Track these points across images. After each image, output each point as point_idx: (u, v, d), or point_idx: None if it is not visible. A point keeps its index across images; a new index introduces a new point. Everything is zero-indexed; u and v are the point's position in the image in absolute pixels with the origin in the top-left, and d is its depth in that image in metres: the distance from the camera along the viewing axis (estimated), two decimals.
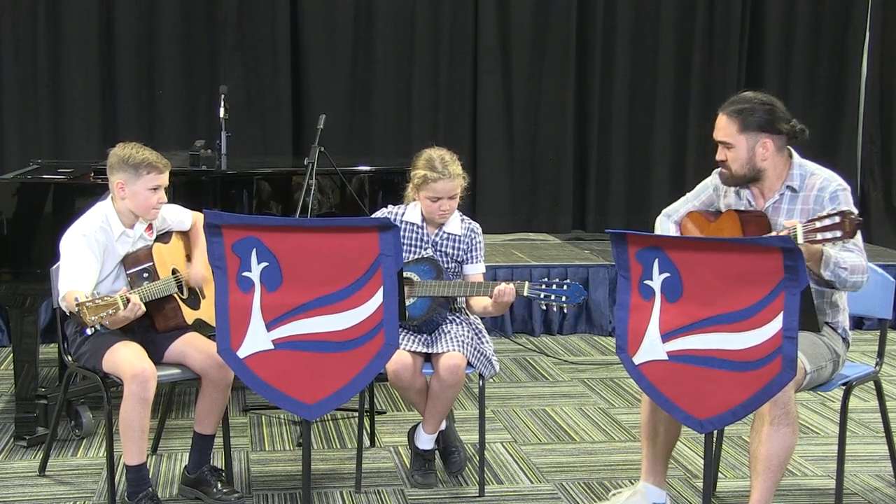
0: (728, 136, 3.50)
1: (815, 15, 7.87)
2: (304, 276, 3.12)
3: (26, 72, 6.97)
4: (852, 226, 3.13)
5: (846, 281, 3.34)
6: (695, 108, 7.74)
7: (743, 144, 3.48)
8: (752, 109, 3.47)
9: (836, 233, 3.13)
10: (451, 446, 4.04)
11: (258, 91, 7.30)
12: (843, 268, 3.32)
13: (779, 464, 3.26)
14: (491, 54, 7.53)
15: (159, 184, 3.66)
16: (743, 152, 3.48)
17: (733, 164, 3.51)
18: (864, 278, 3.38)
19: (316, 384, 3.16)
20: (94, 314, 3.32)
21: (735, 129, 3.48)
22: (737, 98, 3.54)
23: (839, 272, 3.32)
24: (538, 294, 3.72)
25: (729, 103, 3.54)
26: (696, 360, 2.98)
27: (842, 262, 3.32)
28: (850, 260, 3.34)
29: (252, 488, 3.92)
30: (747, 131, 3.47)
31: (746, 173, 3.51)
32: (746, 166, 3.50)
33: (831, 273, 3.31)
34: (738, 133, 3.48)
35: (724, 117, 3.52)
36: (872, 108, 7.93)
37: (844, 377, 3.60)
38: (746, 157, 3.49)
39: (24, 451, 4.25)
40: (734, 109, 3.50)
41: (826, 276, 3.32)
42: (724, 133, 3.51)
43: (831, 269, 3.31)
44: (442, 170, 3.84)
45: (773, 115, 3.48)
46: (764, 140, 3.47)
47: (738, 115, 3.48)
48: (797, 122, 3.51)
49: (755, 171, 3.50)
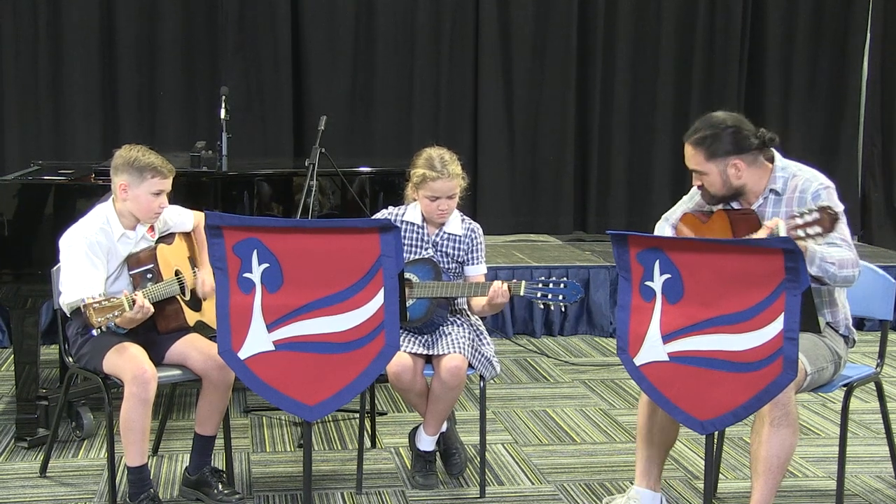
0: (697, 165, 3.51)
1: (816, 16, 7.86)
2: (305, 278, 3.12)
3: (27, 73, 6.97)
4: (831, 220, 3.16)
5: (835, 276, 3.34)
6: (695, 109, 7.70)
7: (714, 170, 3.49)
8: (716, 136, 3.47)
9: (817, 228, 3.17)
10: (452, 447, 4.04)
11: (259, 92, 7.30)
12: (830, 262, 3.32)
13: (779, 465, 3.26)
14: (492, 55, 7.52)
15: (162, 189, 3.66)
16: (716, 178, 3.49)
17: (710, 189, 3.53)
18: (856, 272, 3.38)
19: (317, 385, 3.16)
20: (101, 315, 3.33)
21: (702, 158, 3.49)
22: (699, 125, 3.53)
23: (826, 267, 3.32)
24: (535, 294, 3.72)
25: (692, 131, 3.53)
26: (697, 362, 2.98)
27: (828, 257, 3.32)
28: (837, 254, 3.34)
29: (253, 489, 3.92)
30: (714, 158, 3.47)
31: (725, 194, 3.53)
32: (723, 188, 3.51)
33: (818, 269, 3.31)
34: (705, 161, 3.49)
35: (689, 147, 3.53)
36: (873, 110, 7.92)
37: (845, 378, 3.60)
38: (721, 182, 3.50)
39: (25, 452, 4.25)
40: (697, 139, 3.50)
41: (813, 272, 3.30)
42: (693, 162, 3.53)
43: (817, 264, 3.30)
44: (441, 169, 3.84)
45: (738, 136, 3.47)
46: (734, 162, 3.47)
47: (701, 144, 3.49)
48: (765, 131, 3.51)
49: (733, 190, 3.52)
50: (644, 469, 3.57)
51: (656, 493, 3.58)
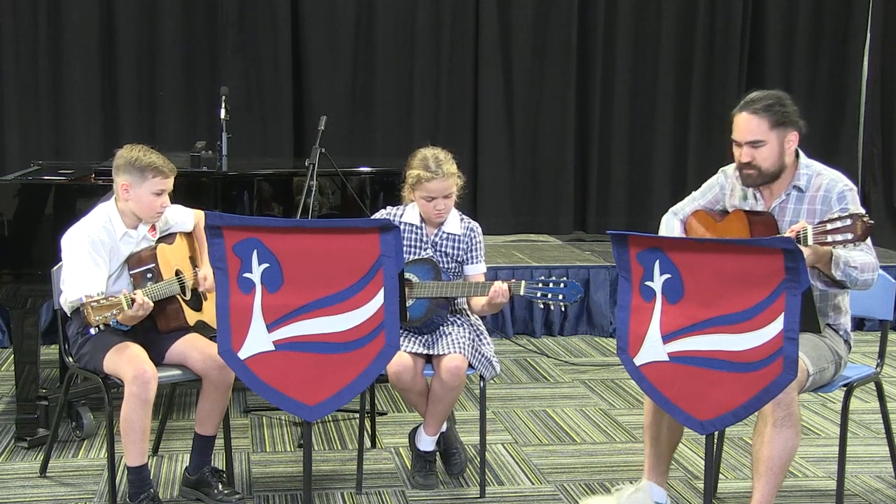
0: (760, 134, 3.45)
1: (816, 16, 7.86)
2: (305, 278, 3.12)
3: (27, 73, 6.97)
4: (864, 229, 3.11)
5: (857, 280, 3.34)
6: (696, 109, 7.73)
7: (774, 140, 3.45)
8: (783, 104, 3.46)
9: (848, 235, 3.12)
10: (452, 447, 4.04)
11: (259, 92, 7.30)
12: (853, 266, 3.31)
13: (781, 465, 3.26)
14: (492, 55, 7.52)
15: (164, 188, 3.66)
16: (775, 147, 3.45)
17: (764, 163, 3.46)
18: (875, 276, 3.38)
19: (317, 385, 3.16)
20: (99, 314, 3.33)
21: (766, 127, 3.44)
22: (756, 97, 3.49)
23: (850, 271, 3.31)
24: (535, 293, 3.72)
25: (750, 102, 3.48)
26: (697, 362, 2.98)
27: (851, 261, 3.31)
28: (860, 258, 3.33)
29: (253, 489, 3.92)
30: (778, 127, 3.44)
31: (776, 171, 3.48)
32: (777, 163, 3.47)
33: (842, 273, 3.31)
34: (769, 130, 3.44)
35: (751, 117, 3.46)
36: (873, 110, 7.92)
37: (845, 378, 3.60)
38: (777, 153, 3.46)
39: (25, 452, 4.25)
40: (762, 106, 3.45)
41: (837, 277, 3.31)
42: (755, 132, 3.45)
43: (842, 268, 3.30)
44: (436, 169, 3.83)
45: (795, 110, 3.48)
46: (792, 134, 3.47)
47: (767, 111, 3.45)
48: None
49: (782, 167, 3.48)
50: (652, 465, 3.59)
51: (663, 490, 3.59)
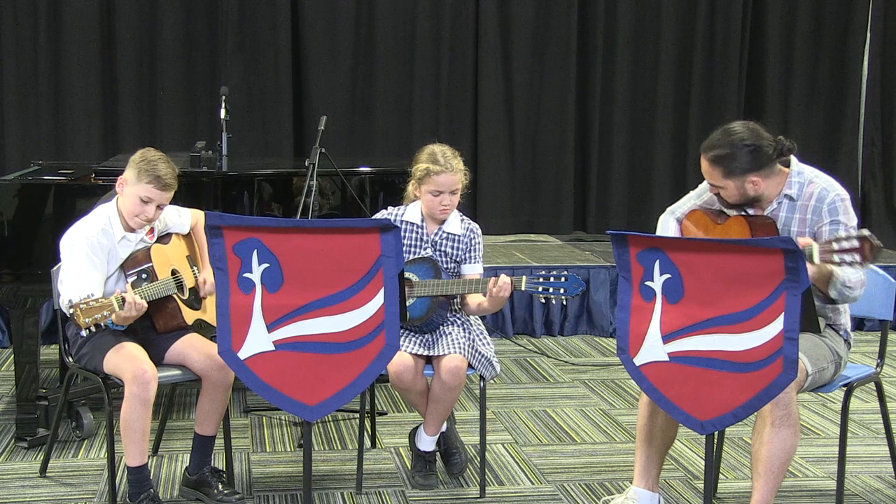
0: (714, 181, 3.48)
1: (816, 17, 7.86)
2: (305, 278, 3.12)
3: (27, 73, 6.97)
4: (872, 252, 3.06)
5: (847, 297, 3.39)
6: (695, 109, 7.73)
7: (731, 185, 3.46)
8: (733, 156, 3.40)
9: (856, 256, 3.07)
10: (452, 447, 4.04)
11: (259, 92, 7.30)
12: (848, 286, 3.35)
13: (780, 465, 3.26)
14: (492, 56, 7.53)
15: (152, 198, 3.61)
16: (733, 191, 3.46)
17: (727, 199, 3.51)
18: (862, 292, 3.41)
19: (317, 385, 3.16)
20: (89, 316, 3.32)
21: (719, 175, 3.45)
22: (716, 140, 3.44)
23: (844, 291, 3.35)
24: (536, 288, 3.72)
25: (709, 146, 3.45)
26: (697, 362, 2.98)
27: (847, 281, 3.34)
28: (854, 277, 3.35)
29: (253, 489, 3.92)
30: (732, 177, 3.43)
31: (743, 203, 3.51)
32: (741, 200, 3.49)
33: (837, 293, 3.35)
34: (723, 178, 3.45)
35: (706, 163, 3.47)
36: (873, 110, 7.92)
37: (845, 378, 3.60)
38: (738, 195, 3.47)
39: (24, 452, 4.25)
40: (714, 156, 3.42)
41: (832, 295, 3.35)
42: (709, 177, 3.49)
43: (838, 288, 3.34)
44: (444, 163, 3.84)
45: (756, 153, 3.40)
46: (752, 179, 3.43)
47: (718, 163, 3.42)
48: (783, 139, 3.46)
49: (751, 200, 3.49)
50: (643, 469, 3.57)
51: (654, 493, 3.57)
